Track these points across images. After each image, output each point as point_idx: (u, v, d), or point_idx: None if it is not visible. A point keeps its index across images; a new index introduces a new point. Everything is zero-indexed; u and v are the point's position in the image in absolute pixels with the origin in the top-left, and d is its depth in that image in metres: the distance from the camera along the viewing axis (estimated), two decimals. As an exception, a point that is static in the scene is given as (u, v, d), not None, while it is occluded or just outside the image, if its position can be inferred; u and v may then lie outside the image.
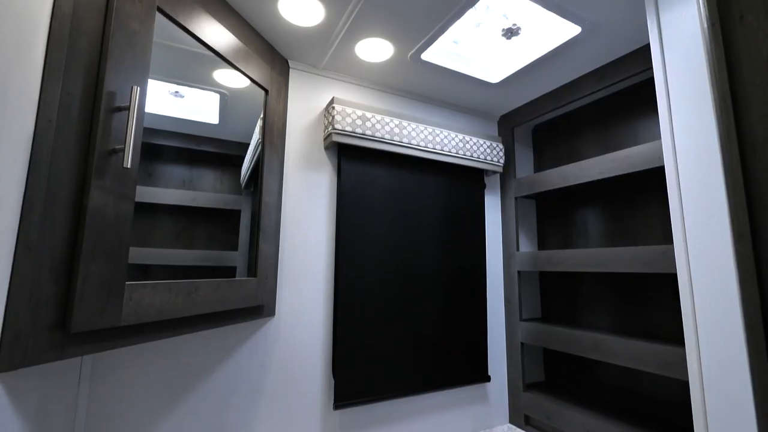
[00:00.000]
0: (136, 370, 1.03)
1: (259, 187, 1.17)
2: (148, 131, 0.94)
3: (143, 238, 1.02)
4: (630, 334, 1.33)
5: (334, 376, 1.29)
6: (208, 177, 1.18)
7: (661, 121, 0.89)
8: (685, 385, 1.24)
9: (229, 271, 1.18)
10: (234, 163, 1.21)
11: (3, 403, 0.57)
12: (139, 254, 0.97)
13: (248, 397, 1.18)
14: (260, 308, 1.14)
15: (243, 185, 1.22)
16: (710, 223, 0.73)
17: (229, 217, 1.21)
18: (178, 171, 1.11)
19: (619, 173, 1.27)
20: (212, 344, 1.14)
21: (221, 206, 1.21)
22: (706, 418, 0.81)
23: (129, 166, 0.64)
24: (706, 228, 0.74)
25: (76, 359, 0.93)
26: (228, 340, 1.17)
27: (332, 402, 1.29)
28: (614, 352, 1.26)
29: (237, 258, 1.18)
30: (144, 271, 0.99)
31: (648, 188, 1.39)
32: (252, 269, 1.13)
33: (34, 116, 0.57)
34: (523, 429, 1.59)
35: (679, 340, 1.05)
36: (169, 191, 1.08)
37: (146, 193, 1.02)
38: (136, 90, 0.66)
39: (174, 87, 1.05)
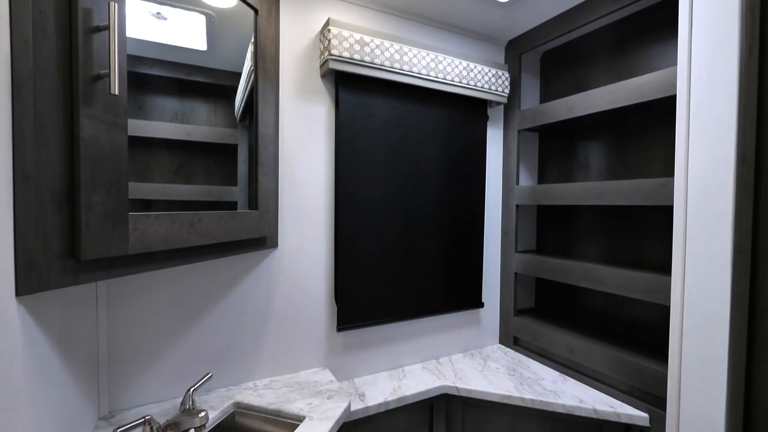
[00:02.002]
0: (150, 297, 1.10)
1: (255, 119, 1.14)
2: (133, 59, 0.89)
3: (142, 174, 1.01)
4: (620, 264, 1.38)
5: (336, 302, 1.37)
6: (201, 109, 1.14)
7: (679, 44, 0.83)
8: (666, 310, 1.33)
9: (230, 206, 1.19)
10: (227, 95, 1.16)
11: (28, 323, 0.61)
12: (139, 189, 0.98)
13: (257, 321, 1.26)
14: (263, 240, 1.17)
15: (238, 118, 1.18)
16: (715, 151, 0.72)
17: (226, 151, 1.20)
18: (169, 103, 1.07)
19: (628, 103, 1.23)
20: (220, 274, 1.19)
21: (218, 140, 1.19)
22: (681, 338, 0.88)
23: (117, 93, 0.61)
24: (710, 156, 0.74)
25: (91, 287, 0.98)
26: (234, 270, 1.22)
27: (335, 325, 1.39)
28: (603, 280, 1.32)
29: (237, 193, 1.18)
30: (146, 206, 1.00)
31: (655, 121, 1.35)
32: (252, 202, 1.14)
33: (8, 34, 0.54)
34: (511, 348, 1.73)
35: (665, 269, 1.09)
36: (162, 125, 1.05)
37: (139, 127, 0.99)
38: (114, 6, 0.61)
39: (155, 7, 0.97)
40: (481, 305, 1.68)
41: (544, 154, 1.77)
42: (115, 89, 0.61)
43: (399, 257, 1.46)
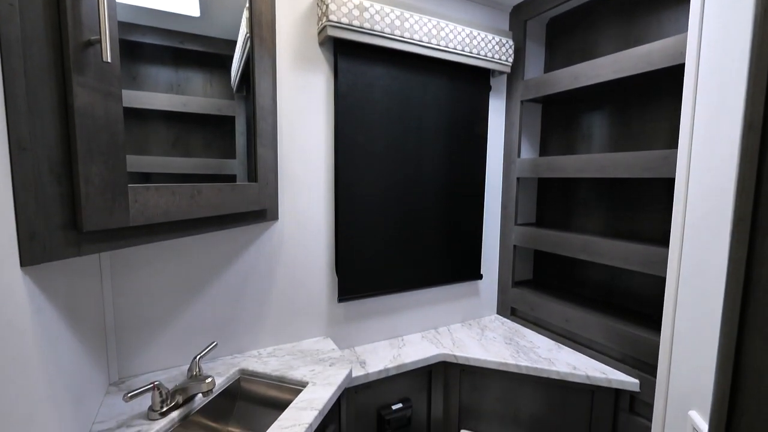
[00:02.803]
0: (154, 269, 1.11)
1: (252, 89, 1.11)
2: (125, 26, 0.86)
3: (140, 146, 1.01)
4: (619, 237, 1.39)
5: (337, 274, 1.39)
6: (197, 80, 1.12)
7: (691, 7, 0.80)
8: (661, 282, 1.35)
9: (229, 179, 1.18)
10: (222, 64, 1.13)
11: (34, 293, 0.62)
12: (137, 162, 0.97)
13: (260, 292, 1.29)
14: (263, 212, 1.17)
15: (234, 89, 1.16)
16: (721, 120, 0.70)
17: (224, 123, 1.18)
18: (164, 73, 1.04)
19: (636, 72, 1.19)
20: (221, 246, 1.21)
21: (215, 112, 1.17)
22: (675, 307, 0.90)
23: (109, 60, 0.59)
24: (716, 126, 0.72)
25: (94, 258, 0.99)
26: (236, 242, 1.23)
27: (337, 296, 1.41)
28: (601, 252, 1.33)
29: (236, 166, 1.17)
30: (145, 179, 1.00)
31: (662, 91, 1.32)
32: (252, 175, 1.13)
33: (-8, -2, 0.51)
34: (508, 319, 1.77)
35: (664, 242, 1.10)
36: (157, 95, 1.03)
37: (134, 98, 0.97)
38: (101, -33, 0.58)
39: (144, -31, 0.93)
40: (480, 277, 1.71)
41: (547, 125, 1.75)
42: (107, 56, 0.59)
43: (399, 229, 1.47)
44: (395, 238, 1.47)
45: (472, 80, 1.56)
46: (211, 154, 1.15)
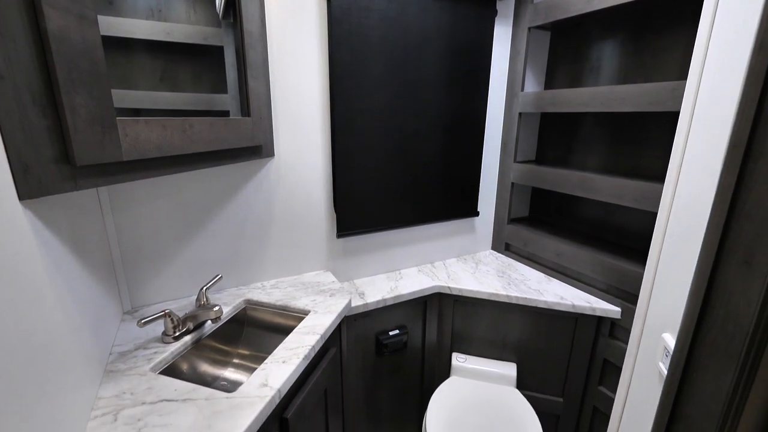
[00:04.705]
0: (153, 206, 1.12)
1: (239, 15, 1.03)
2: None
3: (125, 80, 0.96)
4: (617, 174, 1.39)
5: (335, 210, 1.41)
6: (178, 4, 1.03)
7: None
8: (653, 217, 1.38)
9: (221, 115, 1.14)
10: (204, -16, 1.04)
11: (38, 227, 0.63)
12: (125, 97, 0.94)
13: (260, 228, 1.32)
14: (258, 148, 1.15)
15: (221, 15, 1.07)
16: (736, 46, 0.67)
17: (212, 54, 1.11)
18: (141, -3, 0.96)
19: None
20: (219, 182, 1.21)
21: (201, 41, 1.10)
22: (663, 240, 0.93)
23: (78, -24, 0.54)
24: (729, 52, 0.69)
25: (93, 195, 1.00)
26: (233, 179, 1.23)
27: (335, 231, 1.45)
28: (597, 189, 1.34)
29: (228, 101, 1.13)
30: (135, 115, 0.96)
31: (680, 14, 1.22)
32: (245, 110, 1.09)
33: None
34: (502, 253, 1.83)
35: (661, 178, 1.10)
36: (137, 22, 0.96)
37: (113, 25, 0.91)
38: None
39: None
40: (477, 214, 1.74)
41: (554, 56, 1.65)
42: (75, -29, 0.54)
43: (397, 165, 1.46)
44: (393, 174, 1.46)
45: (476, 2, 1.44)
46: (201, 89, 1.10)
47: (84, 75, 0.61)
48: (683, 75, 1.20)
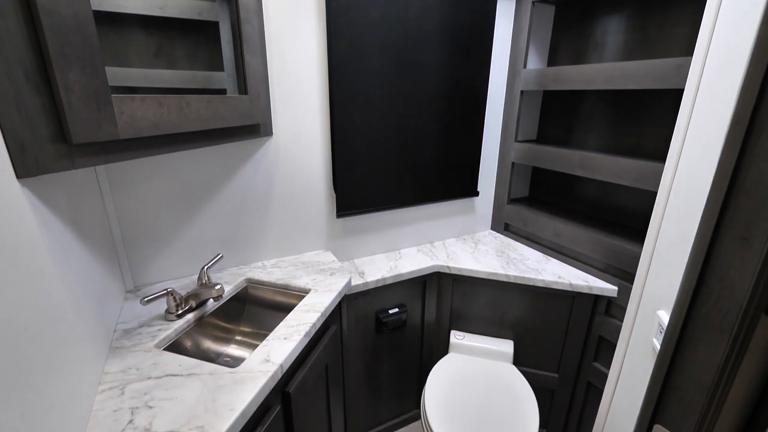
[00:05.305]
0: (152, 186, 1.12)
1: (233, -14, 1.00)
2: None
3: (119, 57, 0.94)
4: (618, 153, 1.38)
5: (335, 190, 1.41)
6: (172, -24, 1.00)
7: None
8: (652, 196, 1.38)
9: (218, 93, 1.13)
10: (197, -45, 1.00)
11: (37, 206, 0.63)
12: (119, 74, 0.92)
13: (259, 208, 1.32)
14: (256, 127, 1.14)
15: (214, -13, 1.04)
16: (746, 19, 0.65)
17: (207, 29, 1.08)
18: (130, -33, 0.92)
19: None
20: (217, 162, 1.20)
21: (195, 17, 1.07)
22: (662, 219, 0.93)
23: (65, -55, 0.52)
24: (739, 27, 0.67)
25: (91, 175, 1.00)
26: (232, 158, 1.22)
27: (335, 211, 1.45)
28: (598, 168, 1.33)
29: (225, 79, 1.11)
30: (131, 92, 0.95)
31: (689, -13, 1.19)
32: (242, 88, 1.07)
33: None
34: (501, 233, 1.84)
35: (661, 157, 1.09)
36: (129, -5, 0.93)
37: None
38: None
39: None
40: (477, 194, 1.74)
41: (558, 32, 1.61)
42: (63, -61, 0.52)
43: (397, 144, 1.45)
44: (393, 153, 1.45)
45: (479, -24, 1.39)
46: (196, 66, 1.08)
47: (76, 50, 0.60)
48: (690, 51, 1.18)
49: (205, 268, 1.11)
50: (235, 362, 1.06)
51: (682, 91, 0.88)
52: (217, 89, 1.12)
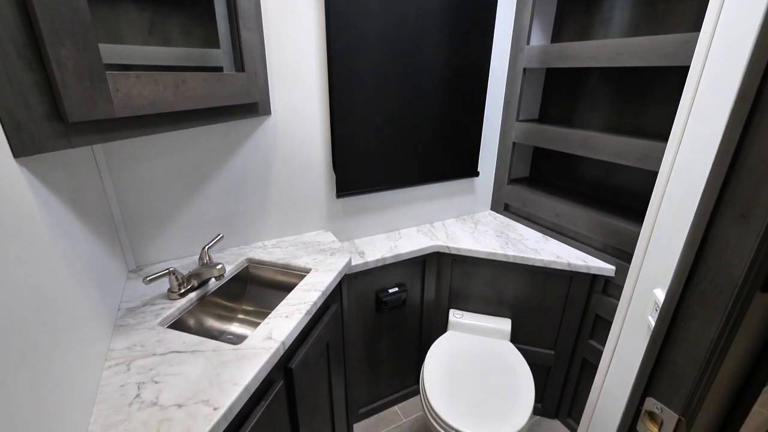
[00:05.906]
0: (151, 166, 1.11)
1: (227, -43, 0.96)
2: None
3: (112, 34, 0.92)
4: (621, 133, 1.36)
5: (335, 170, 1.40)
6: (163, -54, 0.96)
7: None
8: (653, 176, 1.37)
9: (215, 71, 1.10)
10: None
11: (36, 186, 0.63)
12: (114, 52, 0.90)
13: (258, 188, 1.31)
14: (254, 106, 1.12)
15: (208, -42, 1.00)
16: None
17: (201, 3, 1.05)
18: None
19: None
20: (216, 142, 1.19)
21: (186, -11, 1.03)
22: (662, 199, 0.93)
23: None
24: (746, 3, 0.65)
25: (89, 155, 0.99)
26: (230, 138, 1.21)
27: (335, 192, 1.45)
28: (599, 147, 1.32)
29: (221, 57, 1.09)
30: (125, 70, 0.93)
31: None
32: (238, 64, 1.05)
33: None
34: (501, 214, 1.84)
35: (663, 137, 1.08)
36: (118, -33, 0.90)
37: (93, -29, 0.85)
38: None
39: None
40: (477, 174, 1.73)
41: (563, 7, 1.56)
42: None
43: (396, 124, 1.43)
44: (393, 133, 1.44)
45: (482, -53, 1.34)
46: (192, 43, 1.06)
47: (68, 25, 0.58)
48: (698, 26, 1.15)
49: (206, 248, 1.12)
50: (237, 340, 1.08)
51: (687, 68, 0.87)
52: (214, 66, 1.10)
